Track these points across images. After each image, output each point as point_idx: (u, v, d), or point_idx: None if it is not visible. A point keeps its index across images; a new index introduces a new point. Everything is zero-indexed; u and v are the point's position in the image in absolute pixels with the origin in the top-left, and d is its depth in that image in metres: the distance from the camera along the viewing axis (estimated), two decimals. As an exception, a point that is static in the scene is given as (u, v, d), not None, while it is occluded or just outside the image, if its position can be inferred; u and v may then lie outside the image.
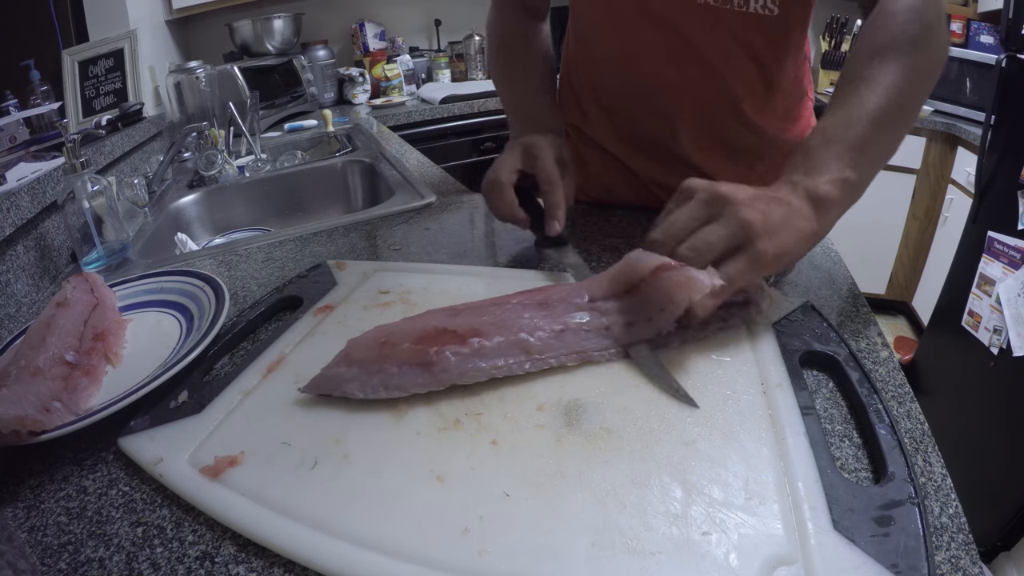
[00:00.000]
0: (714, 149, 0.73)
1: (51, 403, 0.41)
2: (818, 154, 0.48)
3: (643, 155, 0.76)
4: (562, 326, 0.43)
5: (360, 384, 0.40)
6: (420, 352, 0.41)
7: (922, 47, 0.51)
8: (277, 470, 0.36)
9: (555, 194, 0.59)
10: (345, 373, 0.41)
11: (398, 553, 0.30)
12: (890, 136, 0.51)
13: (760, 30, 0.63)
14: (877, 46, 0.52)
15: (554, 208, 0.59)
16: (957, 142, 2.02)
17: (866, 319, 0.50)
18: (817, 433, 0.36)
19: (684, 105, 0.70)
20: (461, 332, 0.42)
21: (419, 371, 0.40)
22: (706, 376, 0.41)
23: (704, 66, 0.66)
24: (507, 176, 0.60)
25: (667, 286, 0.42)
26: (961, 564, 0.29)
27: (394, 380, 0.40)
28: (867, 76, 0.51)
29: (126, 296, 0.60)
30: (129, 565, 0.32)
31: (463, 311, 0.45)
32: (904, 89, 0.50)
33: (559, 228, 0.58)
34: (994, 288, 1.44)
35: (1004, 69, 1.47)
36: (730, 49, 0.65)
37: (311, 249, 0.74)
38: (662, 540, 0.29)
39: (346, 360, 0.42)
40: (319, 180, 1.31)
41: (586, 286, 0.47)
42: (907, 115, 0.52)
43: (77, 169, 0.76)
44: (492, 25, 0.79)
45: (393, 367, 0.41)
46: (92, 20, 1.54)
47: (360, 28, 2.29)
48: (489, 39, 0.80)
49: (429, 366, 0.40)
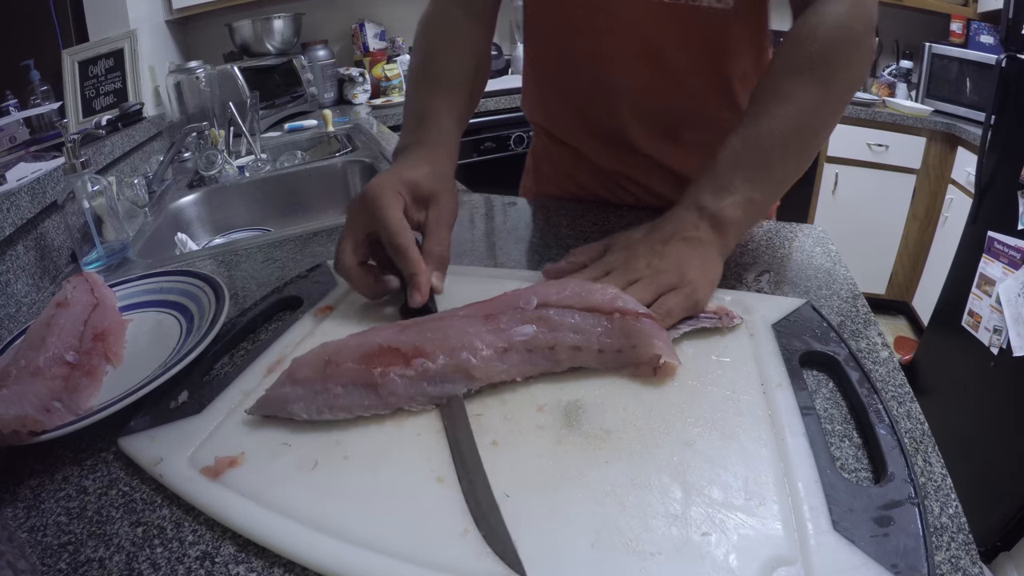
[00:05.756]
0: (672, 143, 0.73)
1: (51, 403, 0.41)
2: (725, 175, 0.50)
3: (607, 149, 0.76)
4: (505, 344, 0.41)
5: (305, 405, 0.39)
6: (364, 372, 0.39)
7: (841, 69, 0.52)
8: (277, 470, 0.36)
9: (405, 260, 0.48)
10: (289, 393, 0.39)
11: (398, 554, 0.30)
12: (797, 159, 0.53)
13: (714, 24, 0.63)
14: (796, 62, 0.52)
15: (410, 278, 0.48)
16: (957, 142, 2.02)
17: (866, 319, 0.50)
18: (817, 433, 0.36)
19: (640, 101, 0.70)
20: (404, 351, 0.40)
21: (365, 392, 0.39)
22: (706, 376, 0.41)
23: (658, 62, 0.66)
24: (349, 258, 0.50)
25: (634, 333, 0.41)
26: (961, 564, 0.29)
27: (339, 401, 0.38)
28: (783, 92, 0.51)
29: (126, 296, 0.60)
30: (129, 565, 0.32)
31: (410, 326, 0.42)
32: (817, 112, 0.51)
33: (420, 300, 0.47)
34: (994, 288, 1.44)
35: (1004, 69, 1.47)
36: (684, 44, 0.65)
37: (311, 249, 0.74)
38: (662, 541, 0.29)
39: (290, 379, 0.40)
40: (319, 180, 1.30)
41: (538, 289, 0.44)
42: (817, 138, 0.54)
43: (77, 169, 0.76)
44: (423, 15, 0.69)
45: (338, 387, 0.39)
46: (92, 20, 1.54)
47: (360, 28, 2.29)
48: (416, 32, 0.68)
49: (375, 387, 0.39)
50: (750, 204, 0.49)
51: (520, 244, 0.69)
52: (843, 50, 0.52)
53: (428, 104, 0.60)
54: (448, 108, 0.60)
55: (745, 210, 0.49)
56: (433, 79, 0.63)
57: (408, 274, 0.48)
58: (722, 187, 0.50)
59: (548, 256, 0.64)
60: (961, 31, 2.17)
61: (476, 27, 0.67)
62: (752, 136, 0.51)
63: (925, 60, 2.15)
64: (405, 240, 0.48)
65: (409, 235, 0.49)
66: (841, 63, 0.52)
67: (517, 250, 0.67)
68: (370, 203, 0.49)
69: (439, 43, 0.65)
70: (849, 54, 0.52)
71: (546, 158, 0.86)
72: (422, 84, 0.63)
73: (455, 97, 0.62)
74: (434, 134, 0.58)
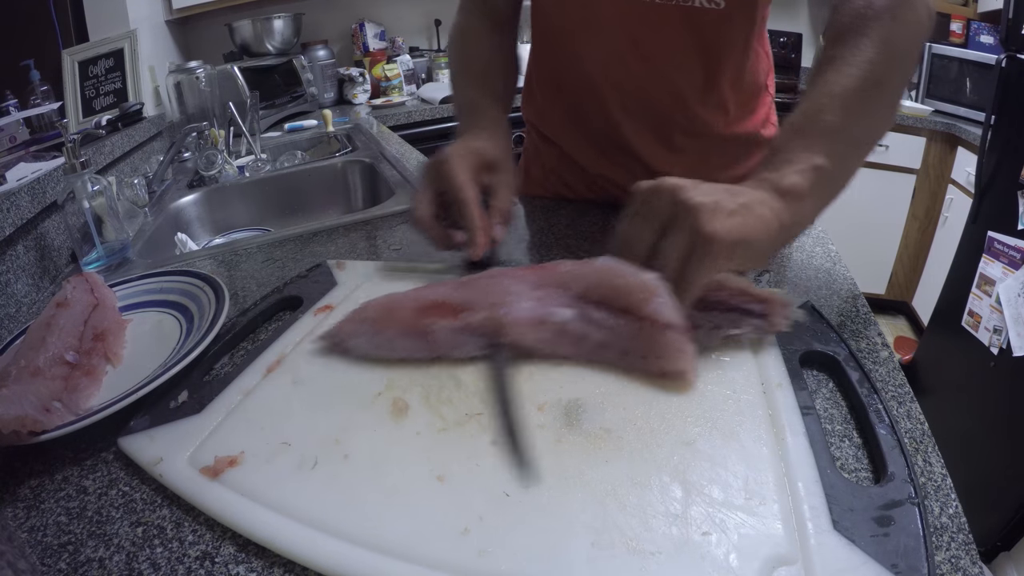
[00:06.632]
0: (659, 144, 0.73)
1: (51, 403, 0.41)
2: (784, 148, 0.46)
3: (593, 150, 0.78)
4: (541, 317, 0.42)
5: (365, 340, 0.44)
6: (417, 322, 0.43)
7: (897, 15, 0.47)
8: (277, 470, 0.36)
9: (467, 215, 0.53)
10: (353, 330, 0.45)
11: (398, 553, 0.30)
12: (868, 117, 0.48)
13: (706, 24, 0.63)
14: (845, 21, 0.48)
15: (470, 232, 0.53)
16: (957, 142, 2.02)
17: (866, 319, 0.50)
18: (817, 433, 0.36)
19: (629, 101, 0.70)
20: (453, 305, 0.44)
21: (415, 338, 0.43)
22: (706, 375, 0.41)
23: (648, 62, 0.66)
24: (425, 209, 0.56)
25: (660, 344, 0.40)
26: (961, 564, 0.29)
27: (392, 343, 0.44)
28: (835, 56, 0.47)
29: (126, 296, 0.60)
30: (129, 565, 0.32)
31: (465, 284, 0.46)
32: (878, 63, 0.46)
33: (478, 253, 0.53)
34: (994, 288, 1.44)
35: (1004, 69, 1.47)
36: (675, 45, 0.65)
37: (311, 249, 0.74)
38: (662, 540, 0.29)
39: (356, 319, 0.45)
40: (319, 180, 1.30)
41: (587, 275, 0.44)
42: (885, 92, 0.48)
43: (77, 169, 0.76)
44: (453, 27, 0.77)
45: (392, 331, 0.44)
46: (92, 20, 1.54)
47: (360, 28, 2.29)
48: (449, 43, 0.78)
49: (424, 335, 0.43)
50: (816, 171, 0.44)
51: (521, 244, 0.69)
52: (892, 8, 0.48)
53: (476, 98, 0.68)
54: (493, 99, 0.68)
55: (810, 177, 0.44)
56: (474, 78, 0.71)
57: (468, 229, 0.53)
58: (782, 159, 0.45)
59: (548, 256, 0.64)
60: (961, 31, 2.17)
61: (500, 33, 0.75)
62: (809, 106, 0.47)
63: (925, 60, 2.15)
64: (468, 195, 0.53)
65: (472, 192, 0.54)
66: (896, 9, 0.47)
67: (519, 250, 0.67)
68: (442, 164, 0.55)
69: (472, 51, 0.74)
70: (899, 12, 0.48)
71: (536, 159, 0.87)
72: (466, 84, 0.71)
73: (496, 91, 0.70)
74: (488, 120, 0.64)
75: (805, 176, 0.44)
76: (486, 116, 0.65)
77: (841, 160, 0.46)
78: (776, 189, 0.43)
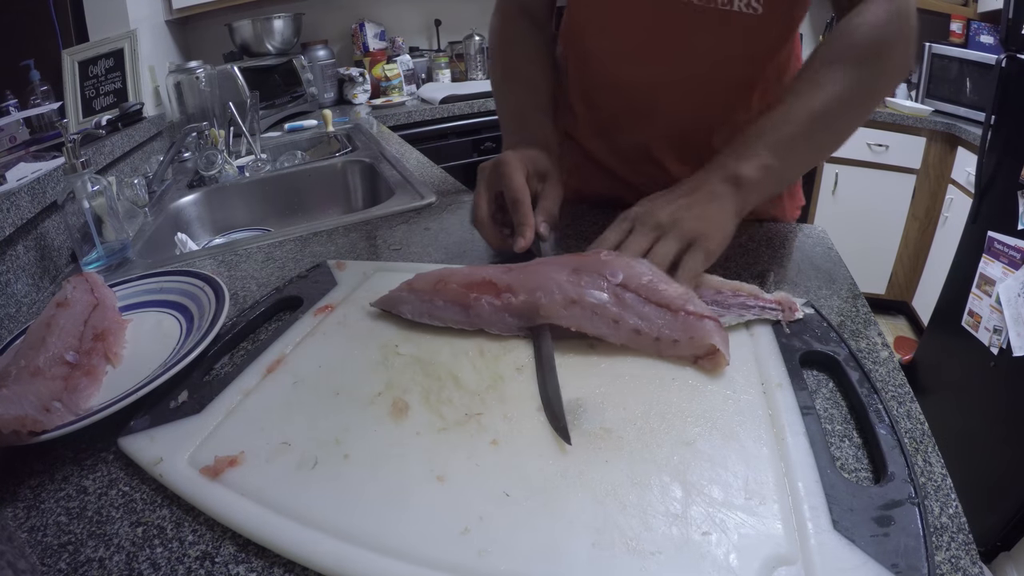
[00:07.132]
0: (689, 150, 0.73)
1: (51, 403, 0.41)
2: (748, 143, 0.54)
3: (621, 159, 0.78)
4: (576, 297, 0.45)
5: (412, 308, 0.49)
6: (463, 295, 0.48)
7: (872, 62, 0.55)
8: (277, 470, 0.36)
9: (519, 212, 0.58)
10: (405, 296, 0.50)
11: (398, 553, 0.30)
12: (823, 137, 0.56)
13: (742, 30, 0.63)
14: (832, 53, 0.56)
15: (519, 227, 0.58)
16: (957, 142, 2.02)
17: (866, 319, 0.50)
18: (817, 433, 0.36)
19: (662, 105, 0.70)
20: (499, 285, 0.48)
21: (458, 310, 0.48)
22: (706, 375, 0.41)
23: (683, 66, 0.66)
24: (485, 210, 0.61)
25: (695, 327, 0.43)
26: (961, 564, 0.29)
27: (438, 312, 0.48)
28: (814, 80, 0.55)
29: (126, 296, 0.60)
30: (129, 565, 0.32)
31: (513, 269, 0.49)
32: (845, 98, 0.54)
33: (523, 244, 0.57)
34: (994, 288, 1.44)
35: (1004, 69, 1.47)
36: (710, 49, 0.65)
37: (311, 249, 0.74)
38: (662, 540, 0.29)
39: (408, 287, 0.50)
40: (319, 180, 1.30)
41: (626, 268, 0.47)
42: (843, 122, 0.57)
43: (77, 169, 0.76)
44: (494, 31, 0.79)
45: (440, 301, 0.48)
46: (92, 20, 1.54)
47: (360, 28, 2.29)
48: (491, 47, 0.80)
49: (468, 308, 0.47)
50: (768, 169, 0.52)
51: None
52: (878, 49, 0.55)
53: (523, 105, 0.71)
54: (540, 106, 0.71)
55: (763, 173, 0.52)
56: (521, 84, 0.73)
57: (517, 224, 0.58)
58: (744, 153, 0.53)
59: (548, 256, 0.64)
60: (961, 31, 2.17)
61: (540, 34, 0.77)
62: (779, 115, 0.54)
63: (925, 60, 2.15)
64: (522, 196, 0.58)
65: (526, 193, 0.59)
66: (873, 59, 0.55)
67: (517, 250, 0.67)
68: (501, 167, 0.60)
69: (517, 54, 0.75)
70: (884, 50, 0.55)
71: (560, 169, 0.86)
72: (512, 89, 0.74)
73: (542, 96, 0.72)
74: (536, 128, 0.68)
75: (758, 171, 0.52)
76: (536, 123, 0.69)
77: (789, 166, 0.55)
78: (732, 178, 0.52)
